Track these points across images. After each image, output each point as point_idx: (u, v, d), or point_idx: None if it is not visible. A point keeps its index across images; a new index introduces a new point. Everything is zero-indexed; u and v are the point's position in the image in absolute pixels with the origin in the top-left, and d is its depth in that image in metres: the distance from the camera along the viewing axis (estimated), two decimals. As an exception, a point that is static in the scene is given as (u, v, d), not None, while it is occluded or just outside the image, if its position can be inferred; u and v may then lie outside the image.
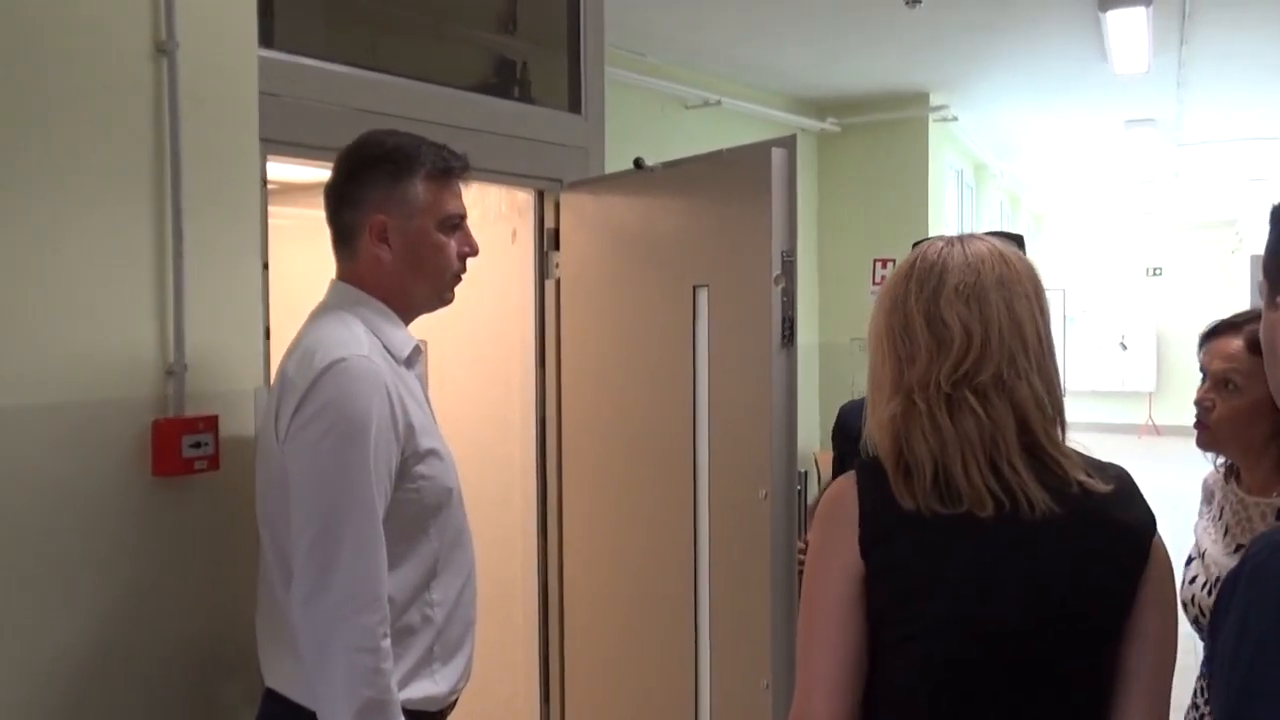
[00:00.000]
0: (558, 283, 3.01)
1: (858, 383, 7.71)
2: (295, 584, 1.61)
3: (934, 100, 7.57)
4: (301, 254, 2.63)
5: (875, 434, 1.39)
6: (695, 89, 6.62)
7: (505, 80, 3.14)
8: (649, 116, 6.22)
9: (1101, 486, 1.34)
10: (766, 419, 2.39)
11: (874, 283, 7.77)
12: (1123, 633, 1.35)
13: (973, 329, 1.33)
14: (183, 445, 1.84)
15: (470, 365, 3.16)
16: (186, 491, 1.91)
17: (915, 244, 1.47)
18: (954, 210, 9.00)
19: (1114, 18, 5.55)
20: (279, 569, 1.69)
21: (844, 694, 1.34)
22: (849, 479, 1.38)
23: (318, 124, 2.41)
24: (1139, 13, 5.48)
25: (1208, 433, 1.95)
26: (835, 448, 2.85)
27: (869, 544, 1.32)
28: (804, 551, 2.60)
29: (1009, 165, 10.44)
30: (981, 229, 10.53)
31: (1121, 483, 1.37)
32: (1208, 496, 2.05)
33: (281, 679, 1.72)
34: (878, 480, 1.34)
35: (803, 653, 1.37)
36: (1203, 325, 2.08)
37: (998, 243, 1.41)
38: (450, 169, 1.80)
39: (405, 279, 1.78)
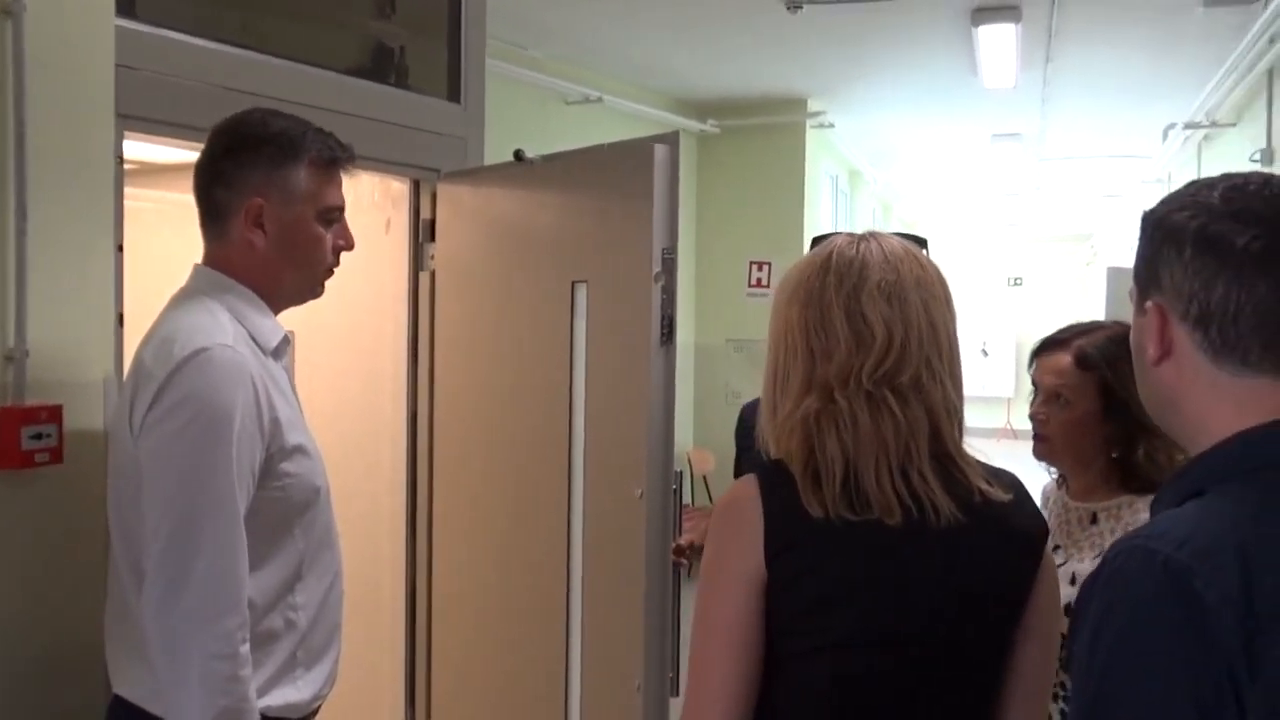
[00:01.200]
0: (432, 275, 2.93)
1: (730, 384, 7.87)
2: (148, 586, 1.51)
3: (812, 106, 7.70)
4: (162, 239, 2.51)
5: (779, 434, 1.35)
6: (577, 85, 6.59)
7: (382, 66, 3.05)
8: (529, 111, 6.15)
9: (1001, 495, 1.34)
10: (644, 417, 2.36)
11: (750, 285, 7.86)
12: (1014, 635, 1.36)
13: (894, 328, 1.31)
14: (22, 436, 1.72)
15: (339, 358, 3.06)
16: (26, 486, 1.79)
17: (816, 239, 1.45)
18: (829, 216, 9.16)
19: (985, 32, 5.72)
20: (130, 570, 1.59)
21: (738, 708, 1.29)
22: (749, 483, 1.32)
23: (181, 101, 2.28)
24: (1009, 29, 5.67)
25: (1045, 444, 1.99)
26: (737, 444, 2.85)
27: (774, 552, 1.27)
28: (678, 551, 2.60)
29: (882, 173, 10.69)
30: (856, 235, 10.76)
31: (1017, 491, 1.38)
32: (1044, 503, 2.10)
33: (131, 686, 1.61)
34: (782, 485, 1.30)
35: (697, 664, 1.32)
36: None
37: (908, 244, 1.39)
38: (336, 159, 1.72)
39: (277, 267, 1.69)
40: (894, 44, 6.19)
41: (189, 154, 2.69)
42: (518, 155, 2.65)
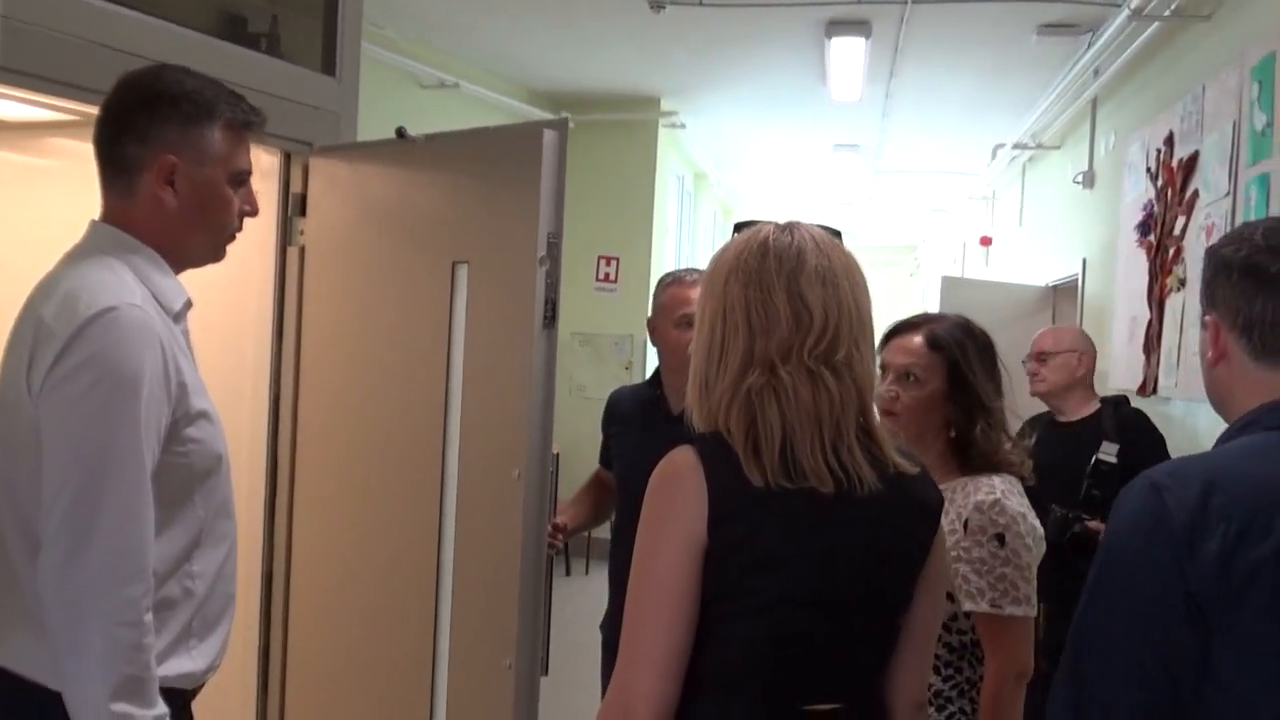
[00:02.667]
0: (301, 250, 2.87)
1: (575, 376, 7.89)
2: (47, 550, 1.45)
3: (665, 106, 7.81)
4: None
5: (714, 407, 1.42)
6: (433, 69, 6.51)
7: (254, 32, 2.96)
8: (381, 91, 6.02)
9: (909, 468, 1.47)
10: (524, 399, 2.38)
11: (598, 280, 7.93)
12: (912, 592, 1.49)
13: (830, 310, 1.42)
14: None
15: (198, 334, 2.94)
16: None
17: (739, 225, 1.52)
18: (674, 216, 9.32)
19: (837, 45, 5.94)
20: (20, 535, 1.52)
21: (672, 669, 1.36)
22: (687, 453, 1.40)
23: (40, 52, 2.18)
24: (859, 43, 5.89)
25: (893, 421, 2.12)
26: (604, 430, 2.88)
27: (718, 518, 1.35)
28: (554, 531, 2.63)
29: (726, 176, 10.92)
30: (699, 237, 10.91)
31: (921, 466, 1.51)
32: None
33: (12, 655, 1.54)
34: (723, 456, 1.38)
35: (632, 627, 1.38)
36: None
37: (831, 235, 1.50)
38: (249, 123, 1.70)
39: (185, 228, 1.65)
40: (750, 50, 6.36)
41: (38, 112, 2.59)
42: (400, 133, 2.63)
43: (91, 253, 1.60)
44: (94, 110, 2.49)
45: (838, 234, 1.51)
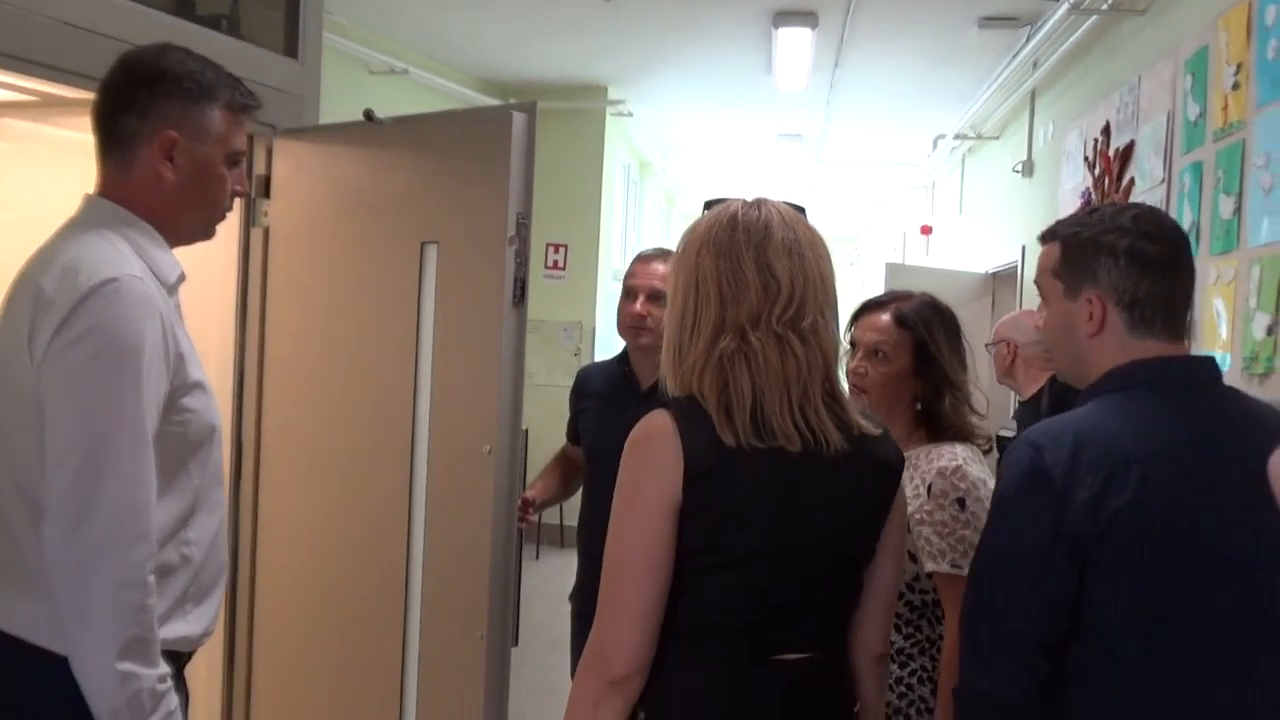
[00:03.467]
0: (265, 231, 2.89)
1: (525, 362, 7.79)
2: (52, 516, 1.48)
3: (612, 94, 7.86)
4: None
5: (687, 372, 1.50)
6: (383, 55, 6.50)
7: (215, 14, 2.96)
8: (331, 78, 5.96)
9: (872, 429, 1.55)
10: (494, 375, 2.44)
11: (546, 267, 7.96)
12: (874, 547, 1.58)
13: (796, 280, 1.49)
14: None
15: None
16: None
17: (709, 203, 1.59)
18: (620, 204, 9.37)
19: (783, 35, 6.03)
20: (21, 503, 1.54)
21: (648, 622, 1.44)
22: (661, 417, 1.47)
23: (20, 35, 2.19)
24: (805, 33, 5.99)
25: (862, 397, 2.21)
26: (572, 406, 2.94)
27: (693, 477, 1.42)
28: (525, 504, 2.68)
29: (670, 165, 11.00)
30: (645, 224, 10.93)
31: (883, 428, 1.59)
32: None
33: (14, 620, 1.56)
34: (697, 417, 1.45)
35: (610, 582, 1.45)
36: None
37: (796, 211, 1.57)
38: (247, 106, 1.76)
39: (181, 203, 1.69)
40: (698, 39, 6.43)
41: None
42: (368, 115, 2.66)
43: (90, 225, 1.62)
44: (53, 89, 2.53)
45: (802, 210, 1.59)
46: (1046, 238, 1.70)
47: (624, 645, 1.43)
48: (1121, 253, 1.57)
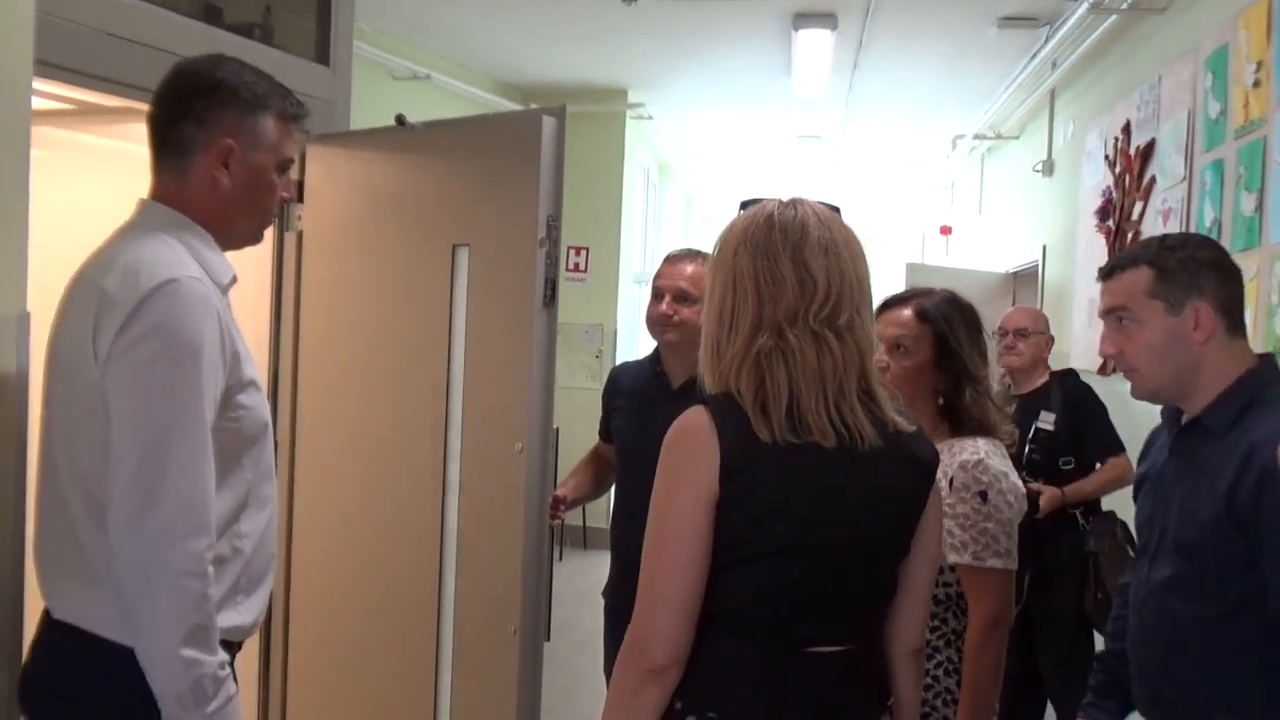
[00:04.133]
0: (299, 235, 2.95)
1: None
2: (117, 507, 1.53)
3: (632, 98, 7.90)
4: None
5: (725, 369, 1.53)
6: (405, 61, 6.57)
7: (248, 22, 3.03)
8: (356, 84, 6.08)
9: (907, 426, 1.58)
10: (526, 375, 2.48)
11: (568, 269, 8.01)
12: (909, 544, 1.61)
13: (832, 278, 1.53)
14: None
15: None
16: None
17: (744, 203, 1.63)
18: (640, 206, 9.42)
19: (803, 37, 6.06)
20: (80, 495, 1.60)
21: (687, 611, 1.47)
22: (699, 413, 1.50)
23: (40, 39, 2.25)
24: (826, 35, 6.02)
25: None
26: (604, 405, 2.99)
27: (729, 472, 1.46)
28: (556, 502, 2.72)
29: (689, 167, 11.04)
30: (664, 226, 10.96)
31: (917, 424, 1.62)
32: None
33: (76, 610, 1.63)
34: (734, 414, 1.49)
35: (649, 573, 1.49)
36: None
37: (831, 211, 1.61)
38: (298, 115, 1.82)
39: (234, 209, 1.75)
40: (718, 43, 6.47)
41: (62, 96, 2.64)
42: (400, 120, 2.71)
43: (147, 228, 1.68)
44: (92, 98, 2.60)
45: (836, 209, 1.62)
46: (1125, 265, 1.86)
47: (662, 635, 1.47)
48: (1216, 265, 1.80)
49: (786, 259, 1.52)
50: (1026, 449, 3.76)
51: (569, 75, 7.42)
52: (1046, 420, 3.80)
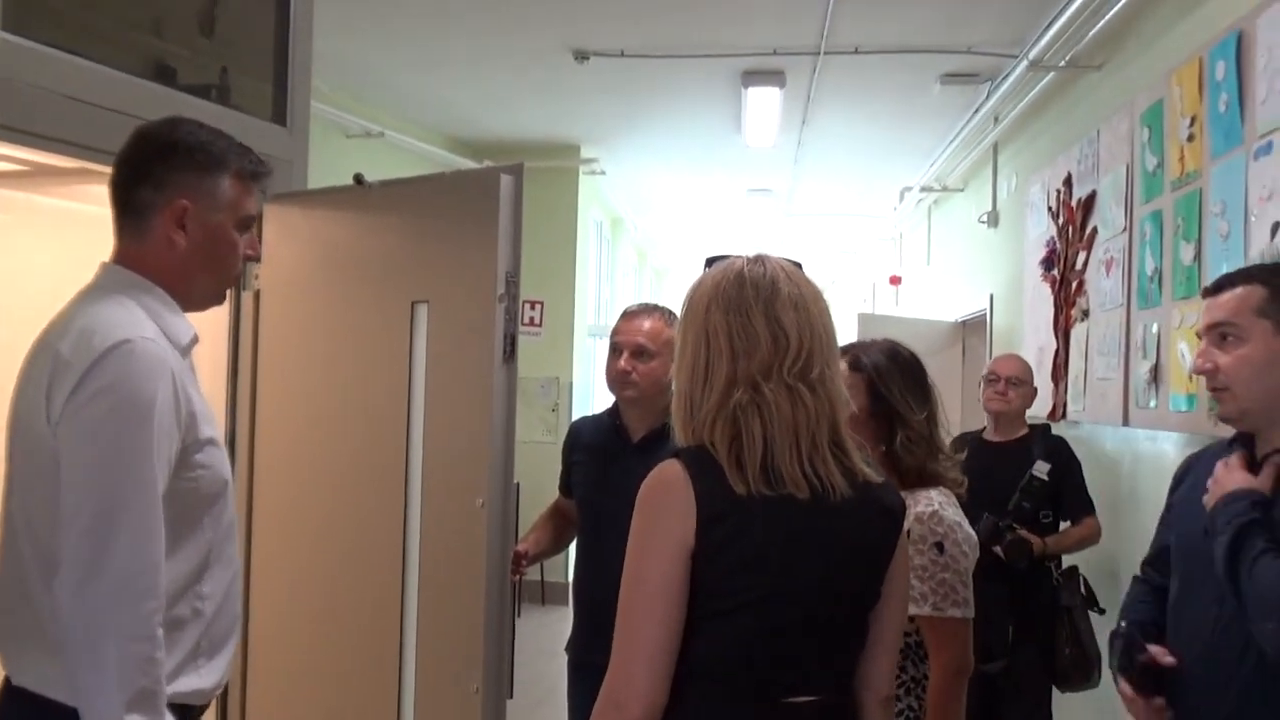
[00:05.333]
0: (256, 295, 2.95)
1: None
2: (66, 570, 1.52)
3: (585, 153, 7.98)
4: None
5: (700, 423, 1.55)
6: (358, 119, 6.60)
7: (205, 83, 3.04)
8: (310, 141, 6.11)
9: (875, 477, 1.61)
10: (486, 430, 2.49)
11: (522, 324, 8.01)
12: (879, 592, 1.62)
13: (803, 333, 1.56)
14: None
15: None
16: None
17: (710, 260, 1.66)
18: (594, 260, 9.48)
19: (753, 94, 6.19)
20: (37, 558, 1.59)
21: (662, 665, 1.48)
22: (673, 466, 1.52)
23: (20, 108, 2.26)
24: (774, 93, 6.15)
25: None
26: (564, 460, 2.99)
27: (705, 523, 1.48)
28: (518, 557, 2.72)
29: (642, 221, 11.14)
30: (618, 280, 11.03)
31: (884, 475, 1.65)
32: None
33: (30, 674, 1.60)
34: (708, 466, 1.51)
35: (624, 627, 1.49)
36: None
37: (796, 267, 1.65)
38: (258, 174, 1.83)
39: (194, 269, 1.76)
40: (670, 99, 6.58)
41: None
42: (358, 179, 2.74)
43: (106, 291, 1.68)
44: (47, 159, 2.59)
45: (799, 265, 1.66)
46: (1236, 282, 1.87)
47: (638, 689, 1.47)
48: None
49: (759, 314, 1.55)
50: (1017, 496, 3.84)
51: (522, 131, 7.50)
52: (1041, 470, 3.87)
